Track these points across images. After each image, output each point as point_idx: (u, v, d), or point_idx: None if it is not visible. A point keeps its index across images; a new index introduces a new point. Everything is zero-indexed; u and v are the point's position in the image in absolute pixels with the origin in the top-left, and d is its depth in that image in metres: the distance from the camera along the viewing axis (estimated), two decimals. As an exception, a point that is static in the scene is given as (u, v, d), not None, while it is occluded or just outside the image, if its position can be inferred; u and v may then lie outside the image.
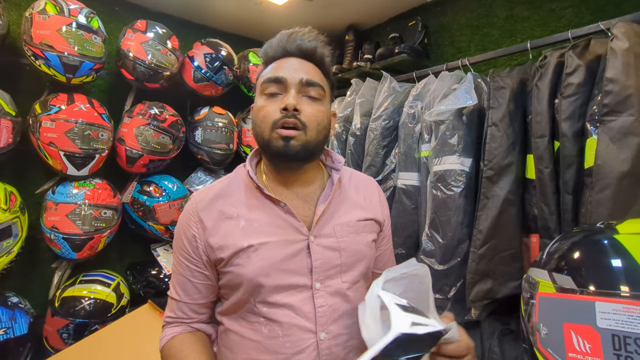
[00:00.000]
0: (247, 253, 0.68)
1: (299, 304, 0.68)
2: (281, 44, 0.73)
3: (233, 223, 0.70)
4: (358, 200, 0.81)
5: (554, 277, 0.52)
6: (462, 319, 1.34)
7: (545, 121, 1.13)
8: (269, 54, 0.75)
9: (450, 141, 1.33)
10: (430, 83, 1.55)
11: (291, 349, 0.67)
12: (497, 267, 1.25)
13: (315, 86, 0.71)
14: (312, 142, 0.70)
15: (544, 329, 0.50)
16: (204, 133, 1.97)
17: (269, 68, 0.74)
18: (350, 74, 2.05)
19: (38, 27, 1.41)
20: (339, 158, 0.82)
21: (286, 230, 0.71)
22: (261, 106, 0.71)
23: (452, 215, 1.31)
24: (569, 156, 1.07)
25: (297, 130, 0.68)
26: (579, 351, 0.44)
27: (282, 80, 0.70)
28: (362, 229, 0.78)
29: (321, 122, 0.71)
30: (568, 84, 1.07)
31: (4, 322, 1.34)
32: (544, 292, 0.52)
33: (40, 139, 1.46)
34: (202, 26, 2.25)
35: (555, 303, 0.50)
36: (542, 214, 1.14)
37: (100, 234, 1.58)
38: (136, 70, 1.69)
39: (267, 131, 0.69)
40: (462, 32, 1.86)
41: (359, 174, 0.89)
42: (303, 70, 0.71)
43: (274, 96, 0.70)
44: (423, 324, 0.55)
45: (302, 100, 0.70)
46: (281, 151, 0.68)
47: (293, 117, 0.67)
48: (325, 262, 0.71)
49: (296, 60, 0.73)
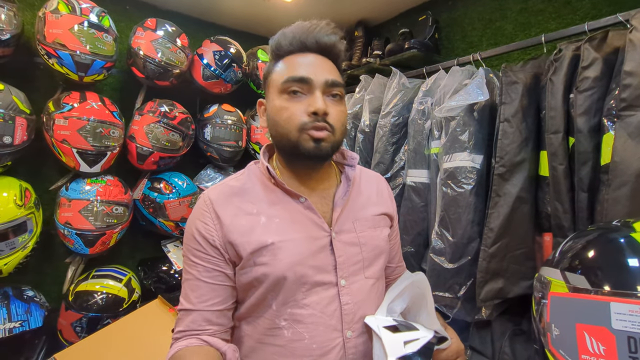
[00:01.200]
0: (272, 250, 0.66)
1: (325, 302, 0.67)
2: (298, 37, 0.69)
3: (253, 219, 0.69)
4: (371, 196, 0.82)
5: (566, 276, 0.50)
6: (473, 318, 1.32)
7: (559, 117, 1.10)
8: (283, 47, 0.71)
9: (461, 137, 1.31)
10: (441, 79, 1.52)
11: (318, 350, 0.65)
12: (509, 266, 1.22)
13: (338, 86, 0.70)
14: (339, 142, 0.70)
15: (555, 329, 0.49)
16: (213, 130, 1.98)
17: (285, 65, 0.70)
18: (360, 70, 2.03)
19: (51, 26, 1.43)
20: (353, 155, 0.81)
21: (308, 227, 0.70)
22: (284, 107, 0.68)
23: (462, 213, 1.29)
24: (585, 153, 1.04)
25: (327, 132, 0.67)
26: (593, 353, 0.43)
27: (307, 81, 0.67)
28: (379, 224, 0.79)
29: (345, 122, 0.71)
30: (584, 77, 1.03)
31: (20, 315, 1.38)
32: (557, 291, 0.51)
33: (54, 137, 1.49)
34: (211, 24, 2.25)
35: (568, 303, 0.48)
36: (555, 212, 1.11)
37: (112, 229, 1.61)
38: (146, 69, 1.70)
39: (295, 133, 0.66)
40: (474, 26, 1.82)
41: (368, 171, 0.90)
42: (326, 69, 0.69)
43: (297, 96, 0.67)
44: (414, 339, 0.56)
45: (328, 102, 0.68)
46: (312, 153, 0.67)
47: (323, 121, 0.66)
48: (348, 258, 0.71)
49: (315, 57, 0.70)
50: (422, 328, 0.60)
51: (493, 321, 1.32)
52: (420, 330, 0.59)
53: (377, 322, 0.61)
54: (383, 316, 0.64)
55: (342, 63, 0.76)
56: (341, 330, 0.67)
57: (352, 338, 0.67)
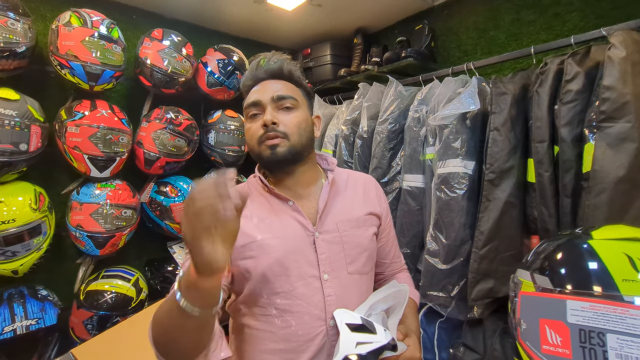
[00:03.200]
0: (260, 245, 0.76)
1: (310, 294, 0.76)
2: (252, 73, 0.87)
3: (247, 221, 0.79)
4: (357, 197, 0.90)
5: (534, 277, 0.57)
6: (465, 316, 1.39)
7: (545, 126, 1.16)
8: (246, 85, 0.88)
9: (454, 145, 1.38)
10: (435, 87, 1.59)
11: (304, 337, 0.74)
12: (499, 267, 1.29)
13: (287, 98, 0.82)
14: (297, 145, 0.80)
15: (523, 324, 0.56)
16: (217, 136, 2.05)
17: (247, 97, 0.86)
18: (358, 77, 2.10)
19: (64, 38, 1.50)
20: (332, 160, 0.92)
21: (294, 227, 0.80)
22: (248, 128, 0.84)
23: (455, 216, 1.36)
24: (568, 161, 1.11)
25: (280, 138, 0.78)
26: (552, 344, 0.49)
27: (258, 103, 0.82)
28: (363, 223, 0.87)
29: (300, 126, 0.82)
30: (567, 90, 1.10)
31: (35, 313, 1.45)
32: (526, 291, 0.58)
33: (66, 144, 1.56)
34: (215, 31, 2.32)
35: (534, 301, 0.55)
36: (541, 216, 1.18)
37: (121, 232, 1.68)
38: (153, 77, 1.77)
39: (256, 146, 0.81)
40: (469, 35, 1.89)
41: (356, 173, 0.99)
42: (273, 89, 0.83)
43: (256, 117, 0.83)
44: (368, 341, 0.61)
45: (278, 114, 0.81)
46: (271, 158, 0.79)
47: (273, 130, 0.79)
48: (330, 255, 0.79)
49: (266, 83, 0.85)
50: (381, 332, 0.66)
51: (485, 319, 1.38)
52: (379, 335, 0.65)
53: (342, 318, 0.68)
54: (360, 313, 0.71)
55: (299, 79, 0.89)
56: (325, 319, 0.75)
57: (334, 326, 0.75)
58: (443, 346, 1.52)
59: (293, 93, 0.85)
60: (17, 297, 1.47)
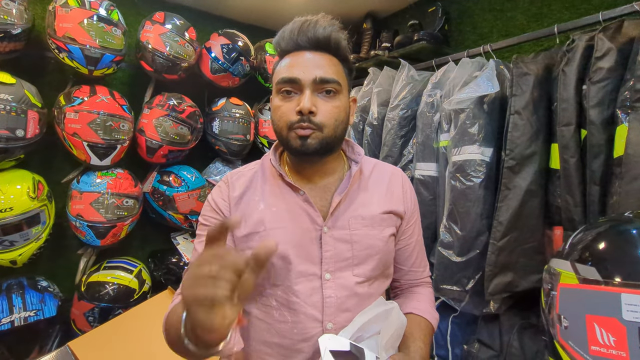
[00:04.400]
0: (262, 236, 0.71)
1: (308, 293, 0.69)
2: (293, 37, 0.71)
3: (253, 205, 0.74)
4: (378, 192, 0.80)
5: (577, 267, 0.50)
6: (480, 311, 1.32)
7: (571, 108, 1.08)
8: (281, 46, 0.74)
9: (471, 130, 1.29)
10: (450, 71, 1.50)
11: (298, 336, 0.69)
12: (518, 260, 1.21)
13: (331, 82, 0.70)
14: (330, 138, 0.70)
15: (565, 321, 0.48)
16: (221, 124, 1.99)
17: (283, 64, 0.72)
18: (368, 63, 2.02)
19: (61, 20, 1.45)
20: (359, 150, 0.82)
21: (302, 219, 0.72)
22: (277, 106, 0.71)
23: (471, 206, 1.28)
24: (597, 145, 1.02)
25: (313, 130, 0.68)
26: (602, 344, 0.42)
27: (296, 81, 0.69)
28: (380, 223, 0.77)
29: (338, 117, 0.71)
30: (597, 68, 1.01)
31: (34, 305, 1.41)
32: (566, 283, 0.50)
33: (65, 130, 1.51)
34: (219, 17, 2.25)
35: (578, 294, 0.47)
36: (566, 205, 1.10)
37: (122, 222, 1.63)
38: (155, 62, 1.71)
39: (285, 131, 0.70)
40: (485, 17, 1.79)
41: (384, 165, 0.87)
42: (317, 66, 0.69)
43: (289, 95, 0.70)
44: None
45: (318, 100, 0.69)
46: (299, 149, 0.69)
47: (308, 120, 0.68)
48: (335, 254, 0.72)
49: (310, 55, 0.71)
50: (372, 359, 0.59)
51: (501, 315, 1.31)
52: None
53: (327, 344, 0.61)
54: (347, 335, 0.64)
55: (345, 53, 0.75)
56: (321, 321, 0.69)
57: (331, 330, 0.68)
58: (456, 342, 1.45)
59: (337, 75, 0.71)
60: (16, 288, 1.43)
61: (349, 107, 0.75)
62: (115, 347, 1.22)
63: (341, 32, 0.73)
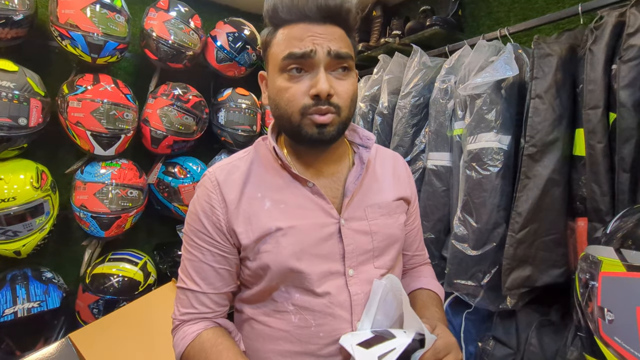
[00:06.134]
0: (276, 237, 0.63)
1: (335, 292, 0.63)
2: (298, 5, 0.59)
3: (257, 204, 0.65)
4: (387, 179, 0.75)
5: (622, 254, 0.44)
6: (496, 307, 1.25)
7: (599, 90, 1.00)
8: (279, 15, 0.61)
9: (487, 117, 1.23)
10: (465, 55, 1.43)
11: (325, 339, 0.62)
12: (538, 253, 1.15)
13: (346, 58, 0.60)
14: (346, 121, 0.63)
15: (609, 314, 0.42)
16: (227, 114, 1.95)
17: (284, 38, 0.61)
18: (378, 51, 1.95)
19: (63, 6, 1.42)
20: (368, 135, 0.73)
21: (315, 213, 0.65)
22: (284, 87, 0.60)
23: (487, 197, 1.21)
24: (628, 129, 0.95)
25: (332, 114, 0.60)
26: (659, 340, 0.37)
27: (308, 56, 0.58)
28: (394, 210, 0.73)
29: (354, 98, 0.63)
30: (629, 45, 0.94)
31: (38, 296, 1.39)
32: (610, 271, 0.44)
33: (68, 119, 1.48)
34: (225, 6, 2.20)
35: (626, 284, 0.41)
36: (592, 195, 1.03)
37: (127, 213, 1.60)
38: (159, 50, 1.67)
39: (297, 117, 0.60)
40: (501, 0, 1.71)
41: (385, 150, 0.82)
42: (329, 39, 0.59)
43: (300, 75, 0.60)
44: (389, 350, 0.52)
45: (332, 79, 0.60)
46: (315, 138, 0.61)
47: (327, 103, 0.59)
48: (357, 247, 0.66)
49: (317, 27, 0.60)
50: (400, 334, 0.56)
51: (518, 311, 1.25)
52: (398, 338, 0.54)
53: (351, 340, 0.57)
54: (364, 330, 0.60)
55: (354, 26, 0.65)
56: (351, 321, 0.63)
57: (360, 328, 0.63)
58: (470, 339, 1.39)
59: (349, 48, 0.62)
60: (20, 279, 1.41)
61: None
62: (117, 338, 1.20)
63: (351, 2, 0.63)
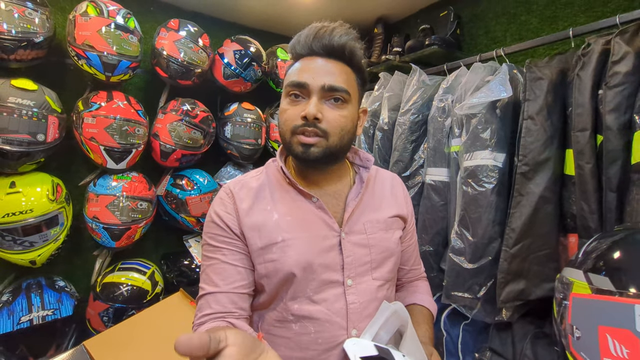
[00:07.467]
0: (281, 247, 0.69)
1: (332, 300, 0.69)
2: (308, 42, 0.70)
3: (266, 216, 0.71)
4: (385, 197, 0.82)
5: (589, 277, 0.49)
6: (493, 319, 1.30)
7: (587, 113, 1.06)
8: (296, 50, 0.73)
9: (483, 135, 1.28)
10: (462, 75, 1.49)
11: (323, 345, 0.68)
12: (531, 267, 1.19)
13: (340, 91, 0.68)
14: (334, 147, 0.69)
15: (577, 331, 0.47)
16: (233, 128, 2.02)
17: (295, 68, 0.71)
18: (379, 67, 2.02)
19: (80, 28, 1.50)
20: (368, 157, 0.82)
21: (318, 226, 0.72)
22: (284, 109, 0.70)
23: (483, 212, 1.26)
24: (614, 151, 1.00)
25: (318, 137, 0.67)
26: (615, 356, 0.41)
27: (304, 86, 0.68)
28: (391, 226, 0.79)
29: (344, 127, 0.69)
30: (614, 73, 0.99)
31: (52, 304, 1.45)
32: (579, 293, 0.49)
33: (83, 134, 1.55)
34: (232, 23, 2.29)
35: (591, 305, 0.46)
36: (581, 212, 1.08)
37: (136, 224, 1.66)
38: (169, 68, 1.75)
39: (288, 135, 0.69)
40: (498, 20, 1.77)
41: (383, 171, 0.90)
42: (328, 73, 0.68)
43: (297, 99, 0.69)
44: None
45: (324, 107, 0.68)
46: (300, 156, 0.68)
47: (313, 126, 0.66)
48: (356, 259, 0.72)
49: (322, 61, 0.70)
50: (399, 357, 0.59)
51: (514, 323, 1.29)
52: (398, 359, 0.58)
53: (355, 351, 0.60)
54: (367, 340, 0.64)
55: (359, 63, 0.74)
56: (346, 328, 0.68)
57: (355, 336, 0.68)
58: (467, 350, 1.43)
59: (348, 84, 0.70)
60: (35, 287, 1.48)
61: (357, 118, 0.74)
62: (129, 347, 1.25)
63: (357, 42, 0.72)
